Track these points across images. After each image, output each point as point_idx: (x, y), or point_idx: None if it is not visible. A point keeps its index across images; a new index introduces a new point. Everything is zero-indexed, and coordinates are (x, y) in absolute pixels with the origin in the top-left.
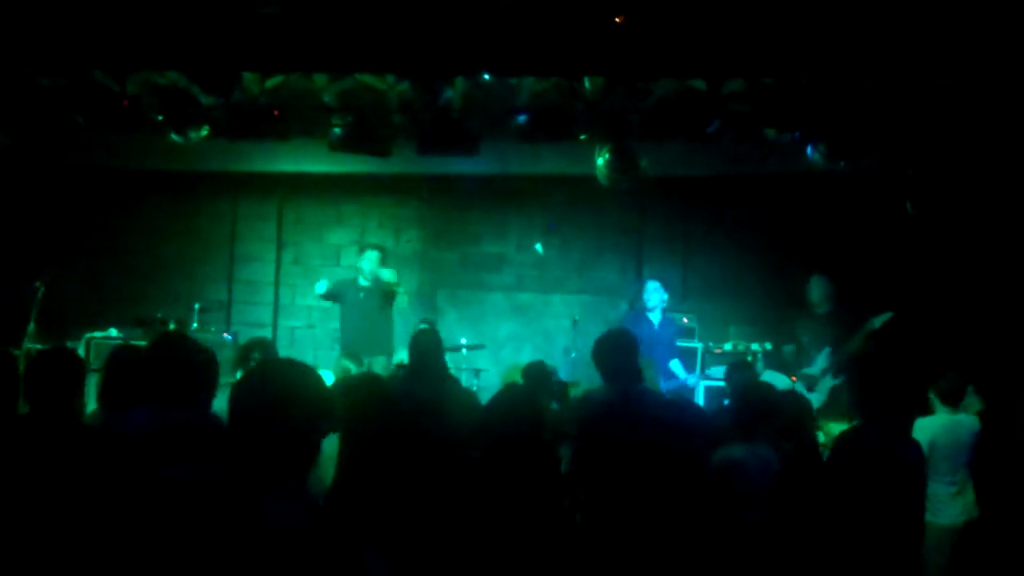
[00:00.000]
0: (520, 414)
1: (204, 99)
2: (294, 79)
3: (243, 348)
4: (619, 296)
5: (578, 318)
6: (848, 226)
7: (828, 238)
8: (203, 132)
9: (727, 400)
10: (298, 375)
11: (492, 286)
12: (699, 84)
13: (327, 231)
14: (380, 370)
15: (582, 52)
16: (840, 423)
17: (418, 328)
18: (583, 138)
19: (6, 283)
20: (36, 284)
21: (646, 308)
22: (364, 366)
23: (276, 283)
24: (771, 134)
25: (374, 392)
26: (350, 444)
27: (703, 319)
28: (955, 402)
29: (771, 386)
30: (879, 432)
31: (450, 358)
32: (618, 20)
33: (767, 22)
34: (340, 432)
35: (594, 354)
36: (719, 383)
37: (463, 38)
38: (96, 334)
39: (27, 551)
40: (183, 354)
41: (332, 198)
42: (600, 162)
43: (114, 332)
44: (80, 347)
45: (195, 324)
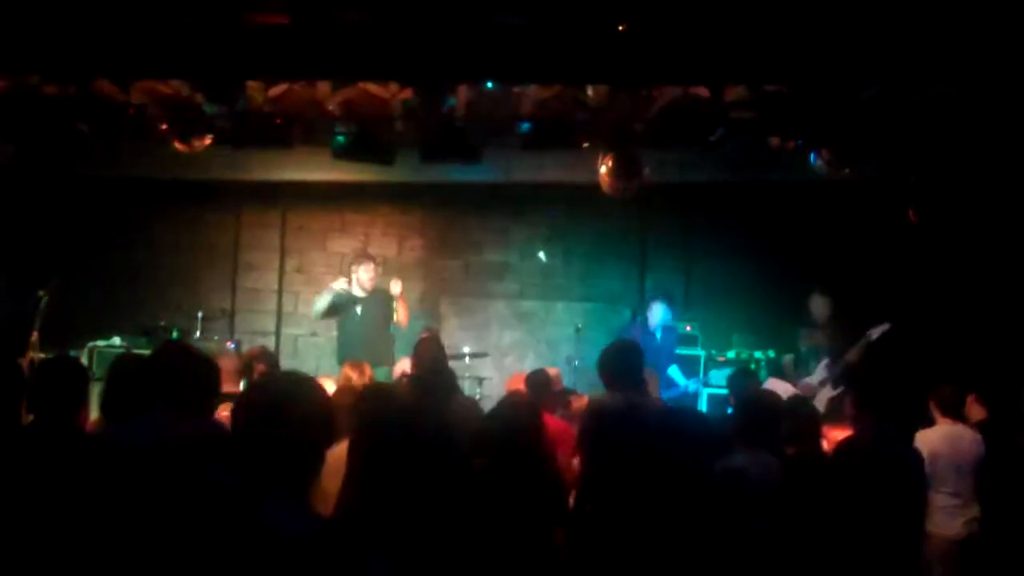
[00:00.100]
0: (522, 424)
1: (208, 108)
2: (298, 88)
3: (246, 357)
4: (622, 304)
5: (581, 326)
6: (851, 234)
7: (831, 246)
8: (207, 141)
9: (730, 408)
10: (300, 389)
11: (495, 294)
12: (702, 92)
13: (331, 239)
14: (382, 380)
15: (585, 60)
16: (844, 430)
17: (420, 337)
18: (586, 146)
19: (10, 292)
20: (40, 293)
21: (648, 322)
22: (367, 375)
23: (279, 291)
24: (774, 142)
25: (386, 402)
26: (360, 453)
27: (706, 327)
28: (955, 413)
29: (774, 394)
30: (877, 440)
31: (453, 367)
32: (621, 28)
33: (770, 29)
34: (350, 441)
35: (600, 363)
36: (721, 391)
37: (466, 46)
38: (99, 343)
39: (30, 561)
40: (184, 363)
41: (336, 206)
42: (603, 170)
43: (118, 341)
44: (84, 356)
45: (198, 332)
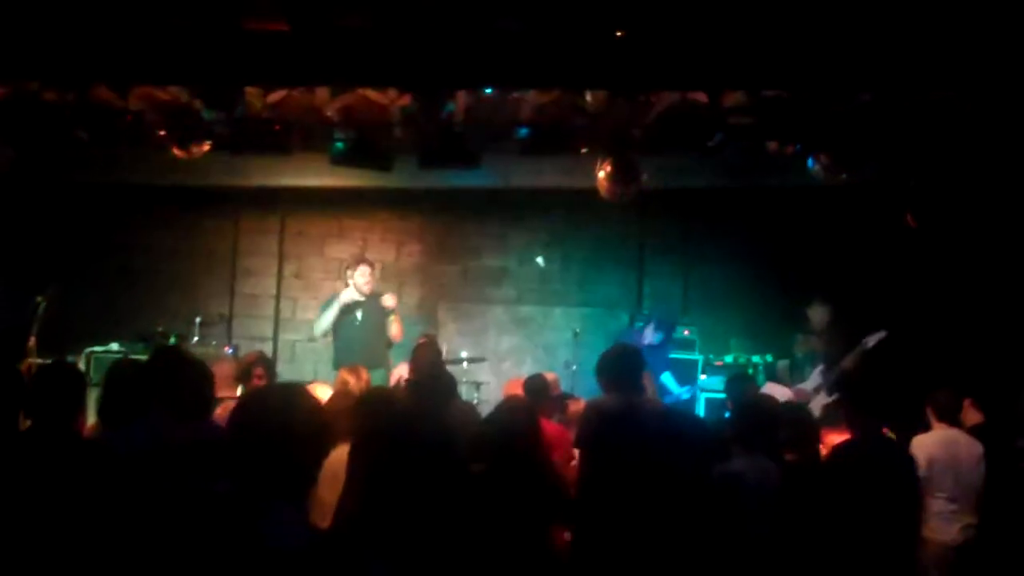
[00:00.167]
0: (520, 429)
1: (207, 114)
2: (296, 94)
3: (243, 362)
4: (620, 309)
5: (579, 331)
6: (849, 239)
7: (829, 251)
8: (205, 147)
9: (728, 412)
10: (294, 399)
11: (493, 299)
12: (700, 97)
13: (329, 245)
14: (379, 383)
15: (583, 66)
16: (841, 435)
17: (418, 342)
18: (584, 152)
19: (8, 298)
20: (38, 299)
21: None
22: (363, 379)
23: (277, 297)
24: (772, 147)
25: (387, 407)
26: (362, 458)
27: (704, 331)
28: (951, 418)
29: (771, 398)
30: (869, 444)
31: (451, 372)
32: (619, 34)
33: (768, 35)
34: (351, 445)
35: (599, 367)
36: (718, 395)
37: (464, 52)
38: (97, 348)
39: (28, 566)
40: (179, 368)
41: (334, 212)
42: (601, 175)
43: (115, 346)
44: (81, 361)
45: (196, 338)
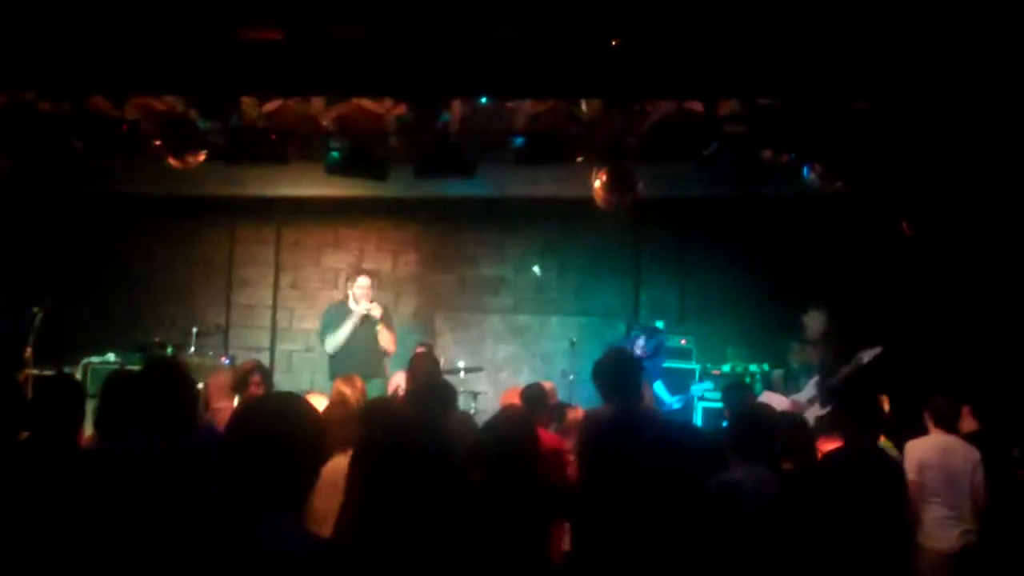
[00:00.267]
0: (518, 438)
1: (202, 124)
2: (292, 103)
3: (240, 372)
4: (617, 318)
5: (576, 340)
6: (845, 247)
7: (825, 259)
8: (201, 157)
9: (725, 421)
10: (291, 408)
11: (490, 309)
12: (696, 106)
13: (325, 255)
14: (377, 393)
15: (578, 75)
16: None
17: (415, 352)
18: (580, 161)
19: (4, 307)
20: (34, 309)
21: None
22: (359, 388)
23: (274, 307)
24: (767, 155)
25: (389, 417)
26: (363, 467)
27: (701, 340)
28: (948, 424)
29: (769, 407)
30: (858, 452)
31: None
32: (614, 43)
33: (763, 43)
34: (352, 455)
35: (595, 374)
36: (715, 404)
37: (460, 62)
38: (94, 359)
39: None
40: (174, 378)
41: (330, 222)
42: (597, 184)
43: (112, 357)
44: (78, 372)
45: (193, 348)
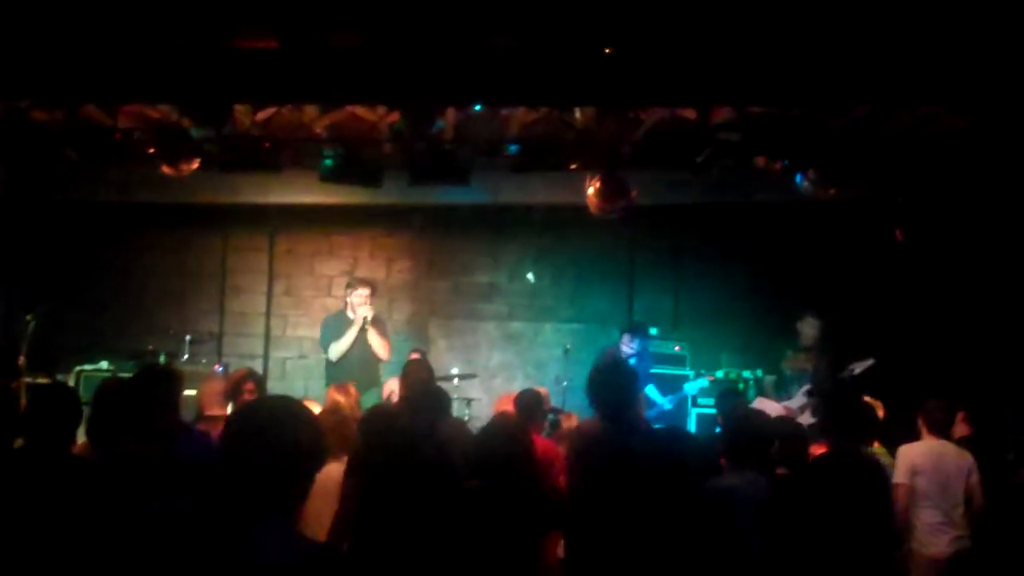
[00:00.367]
0: (513, 445)
1: (196, 132)
2: (285, 111)
3: (232, 379)
4: (611, 324)
5: (570, 347)
6: (838, 254)
7: (819, 266)
8: (194, 165)
9: (718, 428)
10: (290, 412)
11: (484, 315)
12: (689, 114)
13: (318, 262)
14: (374, 402)
15: (572, 83)
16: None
17: (408, 359)
18: (574, 168)
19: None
20: (27, 317)
21: (622, 351)
22: (352, 396)
23: (267, 314)
24: (760, 163)
25: (389, 424)
26: (362, 474)
27: (695, 346)
28: (941, 430)
29: (762, 414)
30: (841, 458)
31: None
32: (607, 51)
33: (756, 51)
34: (348, 462)
35: (589, 385)
36: (709, 410)
37: (454, 70)
38: (87, 367)
39: None
40: (167, 385)
41: (323, 229)
42: (591, 191)
43: (105, 365)
44: (71, 380)
45: (186, 356)
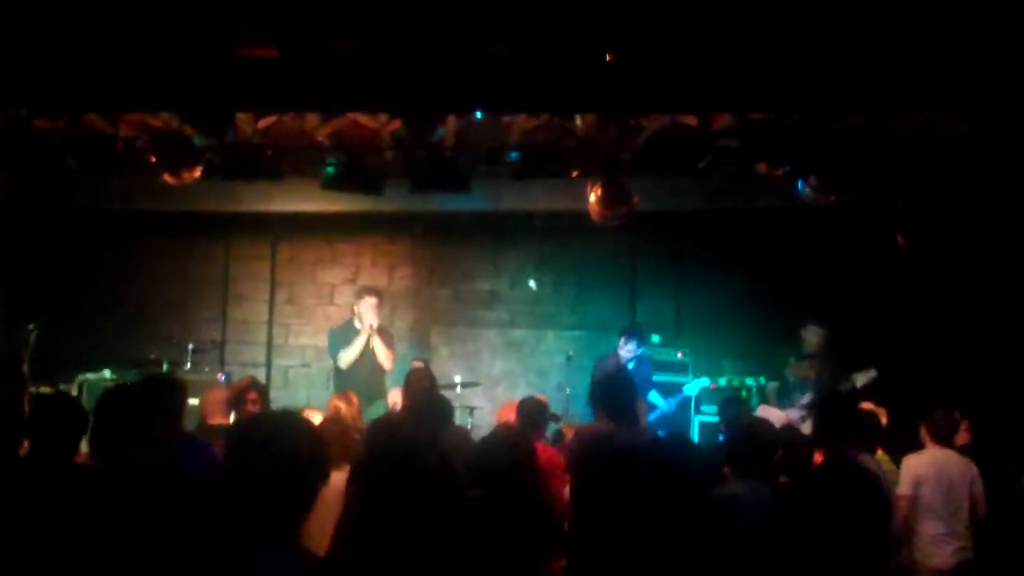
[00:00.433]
0: (516, 454)
1: (197, 140)
2: (287, 119)
3: (235, 388)
4: (612, 331)
5: (572, 354)
6: (840, 260)
7: (820, 272)
8: (196, 173)
9: (721, 435)
10: (292, 427)
11: (485, 323)
12: (690, 120)
13: (321, 270)
14: (381, 412)
15: (573, 90)
16: None
17: (411, 367)
18: (575, 175)
19: (1, 325)
20: (29, 326)
21: (621, 356)
22: (354, 404)
23: (270, 323)
24: (762, 169)
25: (393, 434)
26: (365, 484)
27: (697, 353)
28: (944, 439)
29: (765, 421)
30: (836, 464)
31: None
32: (608, 58)
33: (757, 58)
34: (351, 471)
35: (592, 394)
36: (712, 418)
37: (455, 76)
38: (90, 375)
39: None
40: (169, 393)
41: (326, 237)
42: (592, 198)
43: (108, 373)
44: (74, 388)
45: (189, 364)
